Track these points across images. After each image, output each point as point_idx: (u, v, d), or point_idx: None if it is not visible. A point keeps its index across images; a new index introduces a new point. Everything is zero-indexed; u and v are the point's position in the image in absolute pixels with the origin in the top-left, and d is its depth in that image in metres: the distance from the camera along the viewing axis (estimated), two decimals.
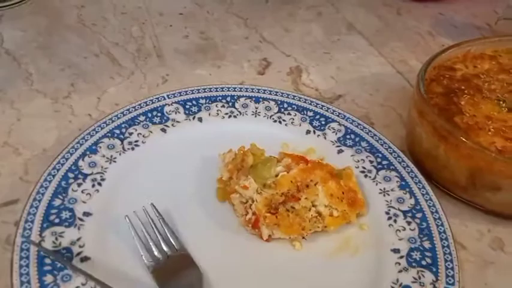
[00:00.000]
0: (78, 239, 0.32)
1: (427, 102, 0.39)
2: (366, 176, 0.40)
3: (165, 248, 0.32)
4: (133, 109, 0.42)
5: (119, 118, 0.41)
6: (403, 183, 0.39)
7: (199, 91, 0.45)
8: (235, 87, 0.47)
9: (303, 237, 0.34)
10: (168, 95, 0.44)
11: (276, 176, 0.34)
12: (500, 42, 0.50)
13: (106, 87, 0.50)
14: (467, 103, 0.42)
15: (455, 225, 0.39)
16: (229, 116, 0.44)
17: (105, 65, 0.54)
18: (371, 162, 0.41)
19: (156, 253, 0.31)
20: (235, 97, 0.46)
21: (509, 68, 0.47)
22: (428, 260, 0.33)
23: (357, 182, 0.37)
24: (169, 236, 0.32)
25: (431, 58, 0.45)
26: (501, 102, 0.42)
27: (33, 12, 0.63)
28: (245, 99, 0.46)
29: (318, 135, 0.43)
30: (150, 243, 0.32)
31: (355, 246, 0.35)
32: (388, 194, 0.38)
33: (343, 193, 0.35)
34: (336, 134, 0.43)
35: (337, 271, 0.33)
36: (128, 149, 0.39)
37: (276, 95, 0.46)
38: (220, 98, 0.45)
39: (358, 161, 0.41)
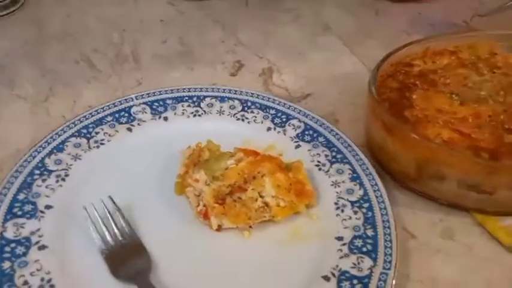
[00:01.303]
0: (38, 229, 0.34)
1: (375, 98, 0.40)
2: (320, 169, 0.41)
3: (118, 236, 0.34)
4: (101, 110, 0.44)
5: (87, 119, 0.43)
6: (355, 175, 0.40)
7: (167, 92, 0.48)
8: (202, 88, 0.49)
9: (250, 227, 0.35)
10: (136, 96, 0.47)
11: (226, 168, 0.36)
12: (463, 37, 0.51)
13: (82, 90, 0.53)
14: (420, 97, 0.43)
15: (408, 215, 0.41)
16: (194, 115, 0.46)
17: (84, 70, 0.57)
18: (326, 156, 0.42)
19: (109, 239, 0.33)
20: (201, 97, 0.48)
21: (468, 62, 0.48)
22: (369, 247, 0.34)
23: (306, 174, 0.38)
24: (123, 225, 0.35)
25: (388, 54, 0.47)
26: (454, 96, 0.43)
27: (22, 21, 0.66)
28: (211, 98, 0.48)
29: (278, 132, 0.45)
30: (104, 231, 0.34)
31: (303, 236, 0.36)
32: (339, 186, 0.39)
33: (290, 184, 0.36)
34: (296, 130, 0.45)
35: (282, 258, 0.35)
36: (93, 147, 0.42)
37: (240, 94, 0.48)
38: (186, 98, 0.48)
39: (314, 155, 0.42)
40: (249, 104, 0.47)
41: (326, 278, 0.32)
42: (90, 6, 0.70)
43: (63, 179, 0.38)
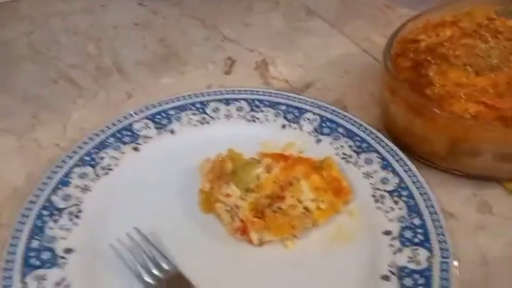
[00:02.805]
0: (63, 279, 0.30)
1: (397, 79, 0.38)
2: (347, 161, 0.39)
3: (156, 272, 0.31)
4: (101, 132, 0.40)
5: (87, 144, 0.39)
6: (385, 163, 0.38)
7: (167, 102, 0.44)
8: (203, 92, 0.45)
9: (295, 236, 0.33)
10: (135, 112, 0.43)
11: (258, 178, 0.33)
12: (457, 6, 0.50)
13: (70, 113, 0.48)
14: (436, 73, 0.41)
15: (442, 195, 0.39)
16: (202, 123, 0.43)
17: (66, 90, 0.51)
18: (350, 147, 0.40)
19: (147, 279, 0.30)
20: (204, 102, 0.45)
21: (470, 31, 0.47)
22: (421, 237, 0.32)
23: (339, 169, 0.36)
24: (158, 258, 0.31)
25: (394, 34, 0.45)
26: (468, 67, 0.42)
27: None
28: (215, 102, 0.45)
29: (295, 128, 0.43)
30: (140, 270, 0.31)
31: (348, 234, 0.34)
32: (372, 176, 0.38)
33: (327, 184, 0.34)
34: (312, 124, 0.43)
35: (333, 262, 0.33)
36: (102, 174, 0.38)
37: (245, 93, 0.46)
38: (189, 105, 0.44)
39: (338, 148, 0.40)
40: (257, 102, 0.45)
41: (386, 278, 0.31)
42: (54, 19, 0.65)
43: (77, 216, 0.34)
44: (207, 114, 0.44)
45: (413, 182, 0.36)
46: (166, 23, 0.64)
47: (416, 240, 0.32)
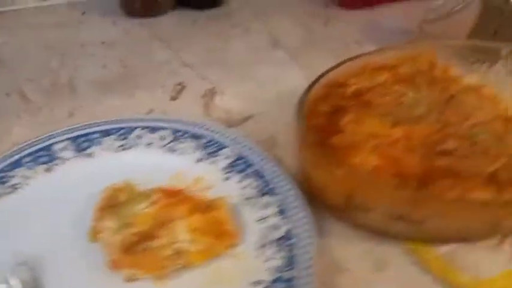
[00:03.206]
0: None
1: (300, 126, 0.38)
2: (247, 203, 0.39)
3: None
4: (19, 150, 0.42)
5: (2, 162, 0.41)
6: (283, 208, 0.38)
7: (94, 125, 0.46)
8: (131, 119, 0.46)
9: (163, 276, 0.33)
10: (58, 132, 0.44)
11: (135, 214, 0.34)
12: (409, 48, 0.50)
13: (11, 127, 0.50)
14: (351, 121, 0.41)
15: (341, 247, 0.38)
16: (122, 149, 0.44)
17: (14, 104, 0.54)
18: (256, 187, 0.40)
19: None
20: (130, 129, 0.46)
21: (406, 77, 0.46)
22: None
23: (228, 212, 0.36)
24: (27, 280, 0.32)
25: (320, 76, 0.45)
26: (386, 117, 0.41)
27: None
28: (140, 129, 0.46)
29: (209, 163, 0.43)
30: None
31: (225, 279, 0.34)
32: (265, 221, 0.37)
33: (210, 226, 0.34)
34: (227, 160, 0.43)
35: None
36: (7, 193, 0.39)
37: (173, 123, 0.46)
38: (114, 130, 0.45)
39: (243, 188, 0.40)
40: (181, 133, 0.45)
41: None
42: (29, 31, 0.68)
43: None
44: (128, 140, 0.45)
45: (303, 231, 0.36)
46: (132, 43, 0.67)
47: None
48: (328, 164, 0.36)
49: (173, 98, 0.56)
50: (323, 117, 0.41)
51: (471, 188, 0.34)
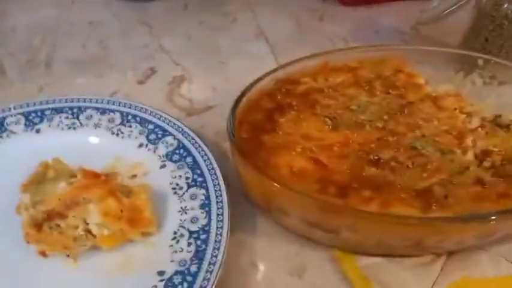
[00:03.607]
0: None
1: (230, 119, 0.37)
2: (175, 192, 0.39)
3: None
4: None
5: None
6: (206, 202, 0.37)
7: (47, 102, 0.46)
8: (83, 98, 0.47)
9: (68, 255, 0.34)
10: (14, 106, 0.46)
11: (45, 192, 0.34)
12: (365, 52, 0.47)
13: None
14: (289, 120, 0.39)
15: (265, 247, 0.37)
16: (69, 128, 0.45)
17: None
18: (187, 179, 0.39)
19: None
20: (82, 108, 0.46)
21: (364, 81, 0.44)
22: (185, 285, 0.31)
23: (148, 200, 0.36)
24: None
25: (274, 69, 0.43)
26: (328, 120, 0.40)
27: None
28: (91, 110, 0.46)
29: (149, 149, 0.43)
30: None
31: (135, 266, 0.34)
32: (186, 213, 0.37)
33: (122, 211, 0.34)
34: (167, 148, 0.42)
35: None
36: None
37: (124, 106, 0.46)
38: (66, 109, 0.46)
39: (175, 177, 0.40)
40: (129, 117, 0.45)
41: None
42: (22, 9, 0.70)
43: None
44: (78, 120, 0.45)
45: (217, 227, 0.35)
46: (118, 26, 0.67)
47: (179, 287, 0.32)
48: (252, 161, 0.35)
49: (140, 82, 0.56)
50: (263, 113, 0.40)
51: (392, 202, 0.33)
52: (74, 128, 0.45)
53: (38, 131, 0.44)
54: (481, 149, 0.37)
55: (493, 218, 0.30)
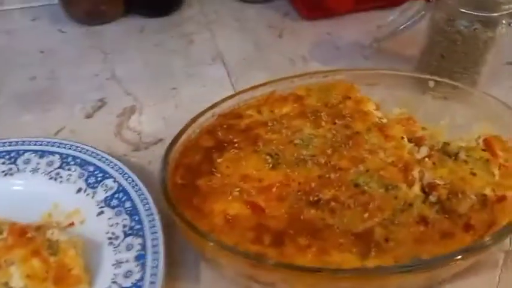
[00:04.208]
0: None
1: (162, 167, 0.35)
2: (110, 243, 0.37)
3: None
4: None
5: None
6: (142, 253, 0.35)
7: None
8: (22, 141, 0.45)
9: None
10: None
11: None
12: (313, 78, 0.45)
13: None
14: (228, 160, 0.37)
15: None
16: (6, 174, 0.43)
17: None
18: (124, 226, 0.37)
19: None
20: (20, 152, 0.44)
21: (310, 110, 0.42)
22: None
23: (78, 255, 0.34)
24: None
25: (212, 105, 0.42)
26: (269, 158, 0.38)
27: None
28: (30, 153, 0.44)
29: (87, 194, 0.41)
30: None
31: None
32: (120, 267, 0.35)
33: (47, 272, 0.32)
34: (106, 192, 0.40)
35: None
36: None
37: (63, 147, 0.44)
38: (4, 153, 0.44)
39: (112, 225, 0.38)
40: (69, 159, 0.43)
41: None
42: None
43: None
44: (16, 164, 0.43)
45: (151, 282, 0.33)
46: (70, 53, 0.64)
47: None
48: (183, 211, 0.33)
49: (88, 116, 0.54)
50: (201, 153, 0.38)
51: (329, 249, 0.31)
52: (11, 174, 0.43)
53: None
54: (428, 182, 0.36)
55: (430, 266, 0.29)
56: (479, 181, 0.36)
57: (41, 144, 0.45)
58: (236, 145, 0.38)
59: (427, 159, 0.38)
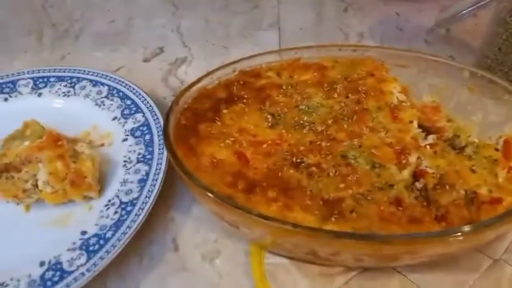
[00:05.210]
0: None
1: (172, 106, 0.39)
2: (124, 165, 0.42)
3: None
4: None
5: None
6: (145, 177, 0.40)
7: (55, 71, 0.53)
8: (82, 70, 0.53)
9: (18, 203, 0.40)
10: (28, 71, 0.53)
11: (9, 148, 0.40)
12: (341, 51, 0.45)
13: (13, 60, 0.61)
14: (232, 112, 0.40)
15: (191, 226, 0.40)
16: (65, 95, 0.51)
17: (30, 42, 0.64)
18: (139, 154, 0.43)
19: None
20: (80, 79, 0.52)
21: (329, 81, 0.43)
22: (96, 247, 0.35)
23: (92, 167, 0.40)
24: None
25: (229, 63, 0.44)
26: (270, 117, 0.39)
27: None
28: (86, 81, 0.52)
29: (120, 122, 0.47)
30: None
31: (67, 222, 0.39)
32: (125, 185, 0.40)
33: (66, 174, 0.39)
34: (134, 124, 0.46)
35: (28, 237, 0.38)
36: None
37: (113, 81, 0.51)
38: (67, 78, 0.52)
39: (130, 151, 0.43)
40: (114, 91, 0.50)
41: (41, 263, 0.35)
42: None
43: None
44: (74, 89, 0.51)
45: (145, 202, 0.38)
46: (147, 4, 0.72)
47: (91, 248, 0.35)
48: (176, 147, 0.37)
49: (146, 60, 0.60)
50: (211, 102, 0.41)
51: (293, 207, 0.32)
52: (68, 96, 0.51)
53: (39, 94, 0.51)
54: (419, 169, 0.35)
55: (372, 239, 0.29)
56: (477, 179, 0.33)
57: (96, 76, 0.52)
58: (245, 101, 0.41)
59: (428, 147, 0.36)
